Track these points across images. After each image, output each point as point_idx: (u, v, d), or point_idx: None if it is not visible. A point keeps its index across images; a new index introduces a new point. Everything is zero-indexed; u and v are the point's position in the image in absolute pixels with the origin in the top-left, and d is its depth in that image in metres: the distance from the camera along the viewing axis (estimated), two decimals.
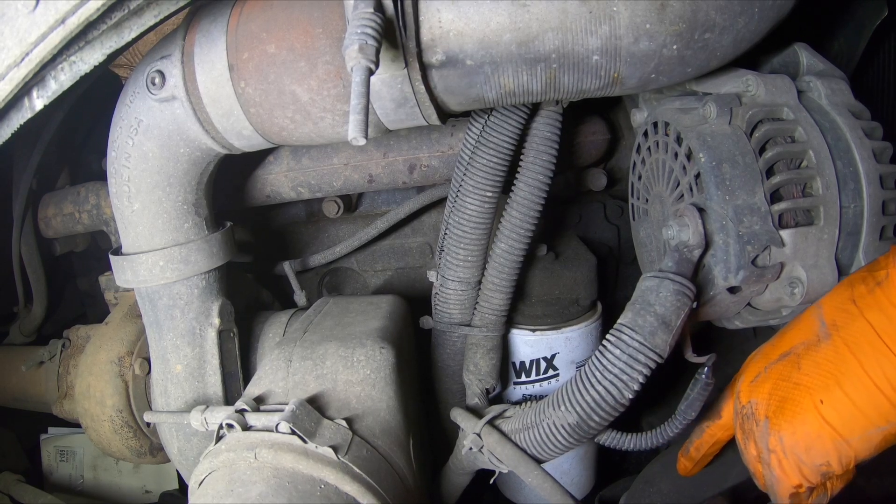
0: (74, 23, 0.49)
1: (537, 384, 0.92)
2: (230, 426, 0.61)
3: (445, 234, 0.81)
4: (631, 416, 0.96)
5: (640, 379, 0.59)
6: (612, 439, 0.66)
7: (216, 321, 0.79)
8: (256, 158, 0.95)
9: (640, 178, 0.81)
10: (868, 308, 0.55)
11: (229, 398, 0.82)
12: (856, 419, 0.54)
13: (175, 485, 1.16)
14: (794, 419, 0.57)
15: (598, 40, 0.57)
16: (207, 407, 0.71)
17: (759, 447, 0.60)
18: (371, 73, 0.49)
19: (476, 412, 0.78)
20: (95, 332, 0.96)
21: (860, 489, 0.62)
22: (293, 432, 0.58)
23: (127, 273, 0.75)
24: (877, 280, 0.56)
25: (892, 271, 0.54)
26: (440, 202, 0.97)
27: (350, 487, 0.57)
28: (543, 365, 0.91)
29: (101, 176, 0.87)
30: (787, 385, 0.58)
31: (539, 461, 0.66)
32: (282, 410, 0.60)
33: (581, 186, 1.03)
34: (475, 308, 0.84)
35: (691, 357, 0.69)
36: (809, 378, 0.57)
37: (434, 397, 0.90)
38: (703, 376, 0.64)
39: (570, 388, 0.63)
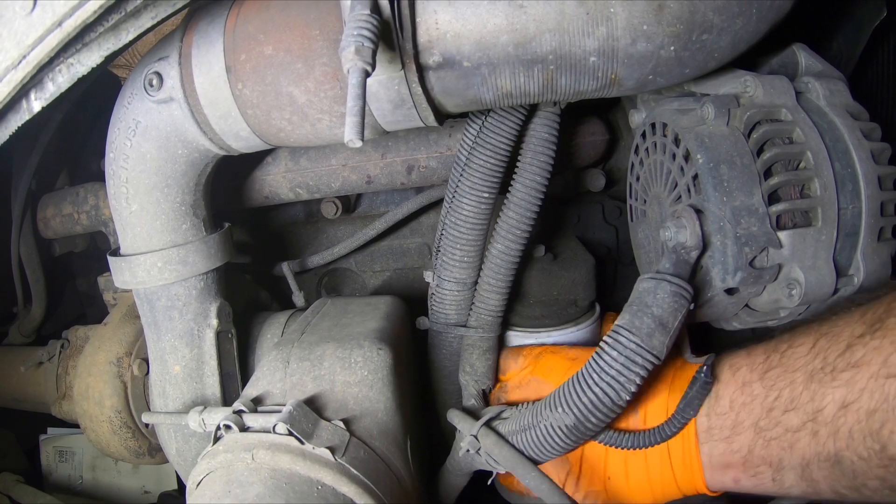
0: (72, 25, 0.49)
1: None
2: (228, 427, 0.61)
3: (442, 234, 0.81)
4: None
5: (638, 381, 0.59)
6: (610, 438, 0.66)
7: (214, 322, 0.79)
8: (255, 159, 0.95)
9: (638, 179, 0.81)
10: None
11: (227, 399, 0.82)
12: None
13: (174, 485, 1.16)
14: None
15: (595, 42, 0.57)
16: (205, 408, 0.71)
17: None
18: (367, 74, 0.49)
19: (473, 413, 0.78)
20: (94, 332, 0.96)
21: None
22: (290, 433, 0.58)
23: (125, 274, 0.75)
24: None
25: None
26: (439, 203, 0.96)
27: (347, 488, 0.57)
28: None
29: (100, 177, 0.87)
30: None
31: (536, 462, 0.66)
32: (279, 411, 0.60)
33: (579, 187, 1.03)
34: (471, 309, 0.84)
35: (690, 358, 0.69)
36: None
37: (431, 398, 0.90)
38: (703, 375, 0.64)
39: (568, 389, 0.63)
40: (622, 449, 0.66)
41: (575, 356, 0.79)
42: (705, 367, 0.64)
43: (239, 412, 0.63)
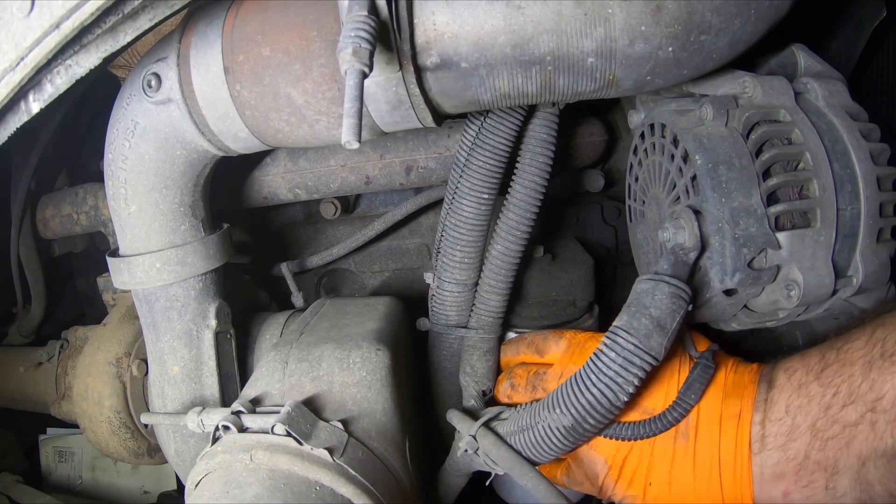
0: (69, 27, 0.49)
1: None
2: (226, 428, 0.61)
3: (442, 235, 0.81)
4: None
5: (636, 382, 0.59)
6: (611, 429, 0.66)
7: (213, 323, 0.79)
8: (253, 160, 0.95)
9: (636, 179, 0.81)
10: None
11: (226, 400, 0.82)
12: None
13: (173, 485, 1.16)
14: None
15: (593, 42, 0.57)
16: (204, 408, 0.71)
17: None
18: (365, 76, 0.49)
19: (472, 414, 0.78)
20: (93, 333, 0.96)
21: None
22: (289, 434, 0.58)
23: (124, 275, 0.75)
24: None
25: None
26: (438, 203, 0.96)
27: (345, 489, 0.57)
28: None
29: (100, 177, 0.87)
30: None
31: (534, 463, 0.66)
32: (278, 412, 0.60)
33: (578, 188, 1.03)
34: (472, 310, 0.84)
35: (695, 354, 0.69)
36: None
37: (430, 399, 0.90)
38: (704, 360, 0.64)
39: (566, 390, 0.63)
40: (625, 441, 0.66)
41: None
42: (707, 352, 0.64)
43: (237, 413, 0.63)
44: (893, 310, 0.57)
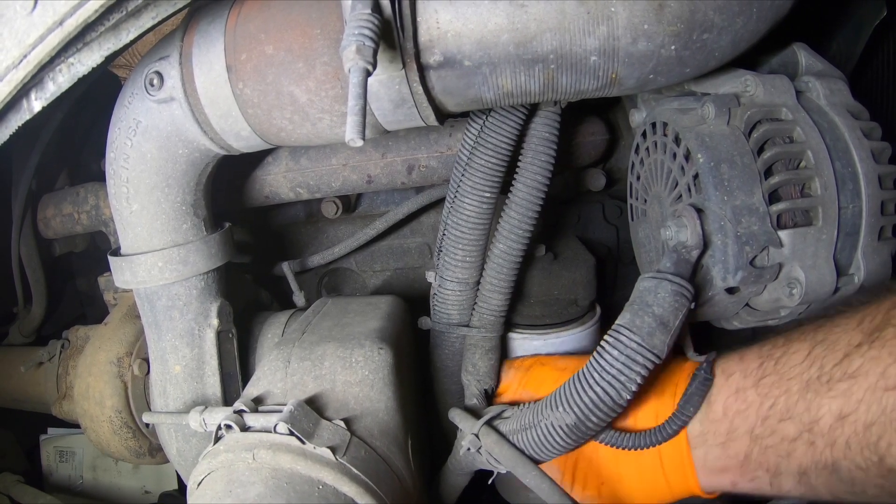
0: (72, 24, 0.49)
1: None
2: (228, 427, 0.61)
3: (444, 234, 0.81)
4: None
5: (639, 380, 0.59)
6: (611, 438, 0.66)
7: (215, 322, 0.79)
8: (255, 159, 0.95)
9: (638, 178, 0.81)
10: None
11: (228, 399, 0.82)
12: None
13: (175, 485, 1.16)
14: None
15: (596, 41, 0.57)
16: (206, 408, 0.71)
17: None
18: (368, 74, 0.49)
19: (474, 413, 0.78)
20: (94, 332, 0.96)
21: None
22: (291, 433, 0.58)
23: (125, 274, 0.75)
24: None
25: None
26: (439, 202, 0.97)
27: (348, 488, 0.57)
28: None
29: (101, 177, 0.87)
30: None
31: (537, 462, 0.66)
32: (280, 411, 0.60)
33: (580, 187, 1.03)
34: (473, 309, 0.84)
35: (693, 356, 0.69)
36: None
37: (433, 397, 0.90)
38: (703, 372, 0.64)
39: (568, 388, 0.63)
40: (624, 449, 0.66)
41: (564, 366, 0.79)
42: (705, 364, 0.64)
43: (240, 412, 0.63)
44: (834, 325, 0.56)
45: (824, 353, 0.55)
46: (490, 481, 0.75)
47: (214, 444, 0.62)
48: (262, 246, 1.09)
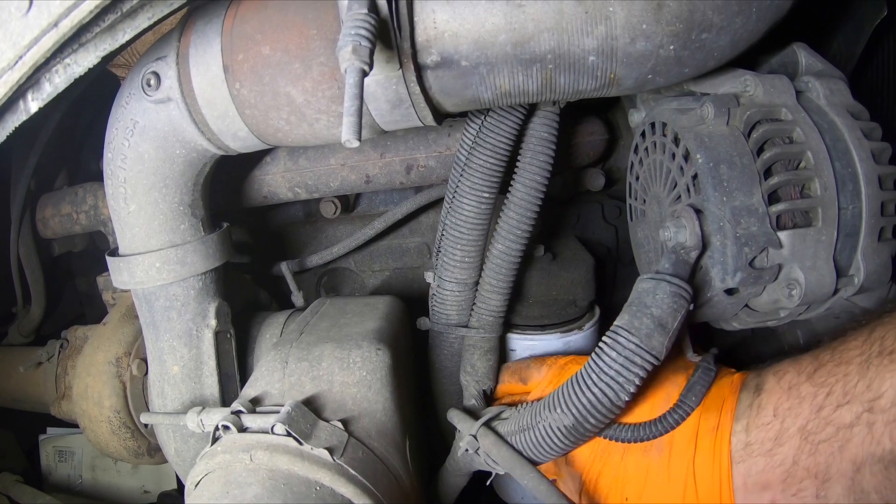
0: (67, 25, 0.49)
1: None
2: (226, 428, 0.61)
3: (442, 235, 0.81)
4: None
5: (637, 381, 0.59)
6: (612, 431, 0.66)
7: (213, 322, 0.79)
8: (253, 159, 0.95)
9: (637, 178, 0.81)
10: None
11: (226, 399, 0.82)
12: None
13: (173, 485, 1.16)
14: None
15: (594, 41, 0.57)
16: (204, 408, 0.71)
17: None
18: (365, 74, 0.49)
19: (473, 413, 0.78)
20: (93, 332, 0.96)
21: None
22: (289, 434, 0.58)
23: (123, 274, 0.75)
24: None
25: None
26: (438, 202, 0.96)
27: (346, 489, 0.57)
28: None
29: (99, 176, 0.87)
30: None
31: (535, 463, 0.66)
32: (278, 412, 0.60)
33: (579, 187, 1.02)
34: (472, 309, 0.84)
35: (692, 357, 0.69)
36: None
37: (431, 398, 0.90)
38: (705, 363, 0.64)
39: (567, 390, 0.63)
40: (623, 443, 0.66)
41: None
42: (708, 356, 0.64)
43: (237, 413, 0.63)
44: (893, 310, 0.54)
45: (884, 332, 0.50)
46: (488, 482, 0.75)
47: (212, 444, 0.62)
48: (260, 246, 1.09)
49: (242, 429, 0.61)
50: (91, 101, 0.92)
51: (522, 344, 0.91)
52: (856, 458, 0.50)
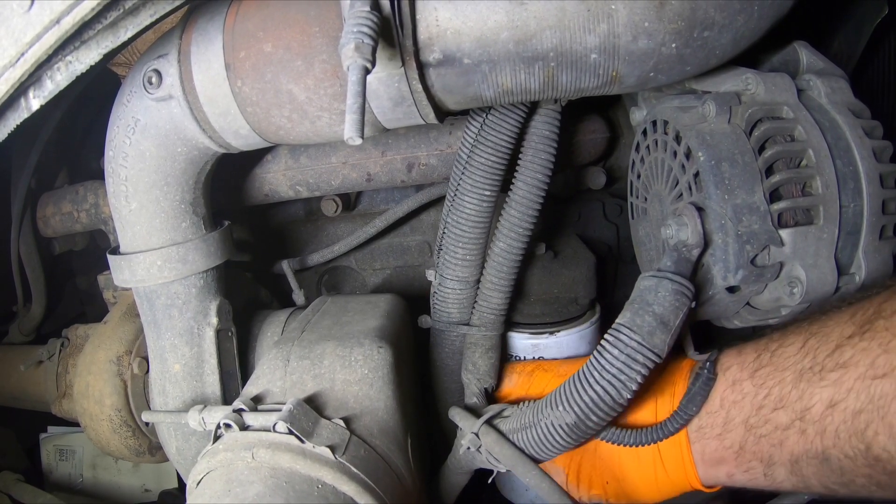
0: (69, 22, 0.49)
1: None
2: (228, 426, 0.61)
3: (444, 233, 0.81)
4: None
5: (639, 379, 0.59)
6: (612, 436, 0.66)
7: (214, 320, 0.79)
8: (254, 157, 0.95)
9: (638, 176, 0.81)
10: None
11: (227, 398, 0.82)
12: None
13: (175, 483, 1.16)
14: None
15: (596, 38, 0.57)
16: (205, 406, 0.71)
17: None
18: (367, 71, 0.49)
19: (474, 411, 0.78)
20: (94, 331, 0.96)
21: None
22: (290, 432, 0.58)
23: (125, 272, 0.75)
24: None
25: None
26: (439, 200, 0.96)
27: (348, 487, 0.57)
28: None
29: (100, 175, 0.87)
30: None
31: (537, 461, 0.66)
32: (279, 410, 0.60)
33: (580, 185, 1.02)
34: (474, 307, 0.84)
35: (693, 355, 0.69)
36: None
37: (432, 396, 0.90)
38: (706, 371, 0.64)
39: (569, 387, 0.63)
40: (626, 446, 0.66)
41: (566, 372, 0.80)
42: (707, 364, 0.64)
43: (239, 411, 0.63)
44: (828, 318, 0.58)
45: (818, 345, 0.57)
46: (490, 480, 0.75)
47: (213, 442, 0.62)
48: (261, 244, 1.09)
49: (244, 427, 0.61)
50: (92, 100, 0.92)
51: (523, 341, 0.91)
52: (793, 453, 0.57)
